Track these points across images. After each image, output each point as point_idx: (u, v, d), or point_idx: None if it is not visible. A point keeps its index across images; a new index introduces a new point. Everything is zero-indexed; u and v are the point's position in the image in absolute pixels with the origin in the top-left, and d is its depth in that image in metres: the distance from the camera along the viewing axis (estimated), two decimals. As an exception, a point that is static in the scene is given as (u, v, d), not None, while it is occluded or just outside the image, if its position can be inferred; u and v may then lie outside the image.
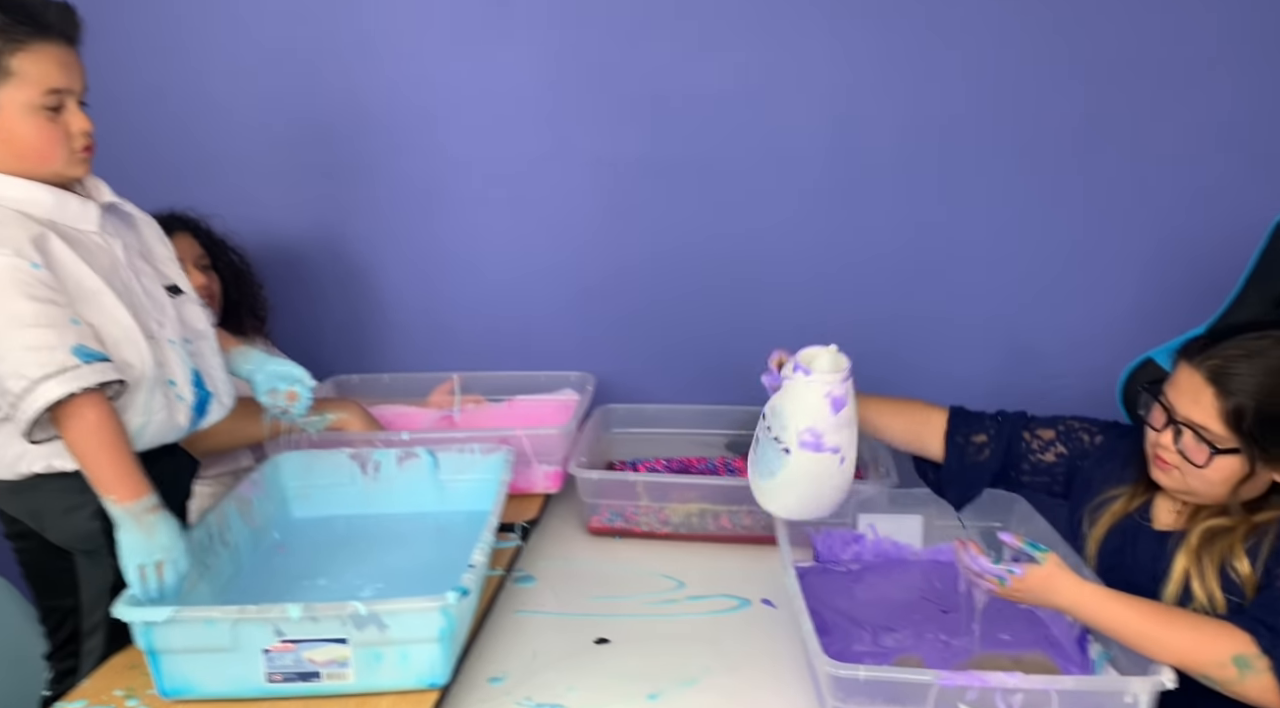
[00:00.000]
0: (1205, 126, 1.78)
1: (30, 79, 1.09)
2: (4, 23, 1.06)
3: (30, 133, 1.10)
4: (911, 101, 1.84)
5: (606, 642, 1.32)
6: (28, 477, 1.18)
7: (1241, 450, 1.10)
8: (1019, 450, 1.40)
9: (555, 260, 1.99)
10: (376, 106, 1.93)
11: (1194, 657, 1.01)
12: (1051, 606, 1.11)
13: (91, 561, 1.21)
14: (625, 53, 1.86)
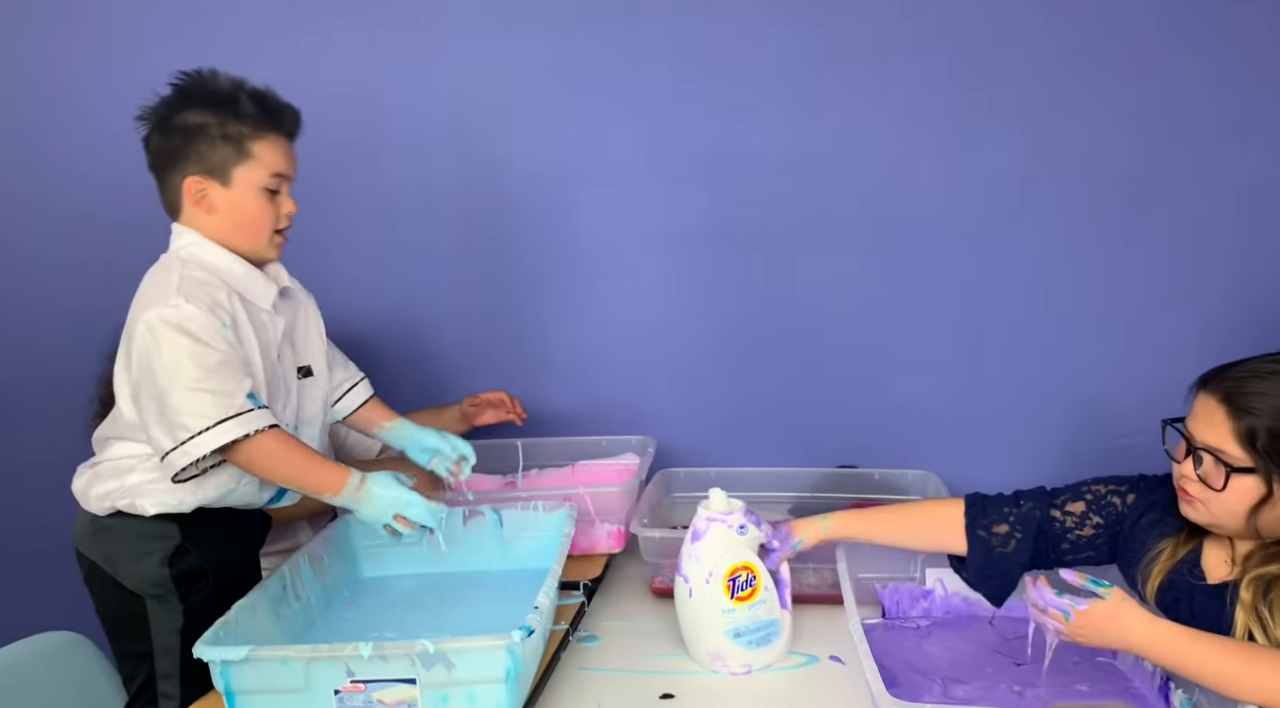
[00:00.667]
0: (1266, 167, 1.78)
1: (264, 163, 1.30)
2: (255, 113, 1.28)
3: (254, 208, 1.30)
4: (965, 161, 1.88)
5: (671, 697, 1.31)
6: (107, 515, 1.29)
7: (1258, 470, 1.09)
8: (1053, 531, 1.34)
9: (618, 327, 2.05)
10: (445, 181, 2.03)
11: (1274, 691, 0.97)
12: (1122, 645, 1.08)
13: (162, 605, 1.29)
14: (684, 128, 1.95)
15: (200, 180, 1.28)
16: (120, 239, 1.93)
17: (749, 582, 1.31)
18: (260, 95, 1.31)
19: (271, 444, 1.24)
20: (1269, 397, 1.09)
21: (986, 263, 1.91)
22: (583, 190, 2.00)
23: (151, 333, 1.21)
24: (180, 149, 1.27)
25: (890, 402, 2.00)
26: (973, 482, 1.92)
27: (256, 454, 1.23)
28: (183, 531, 1.31)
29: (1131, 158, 1.83)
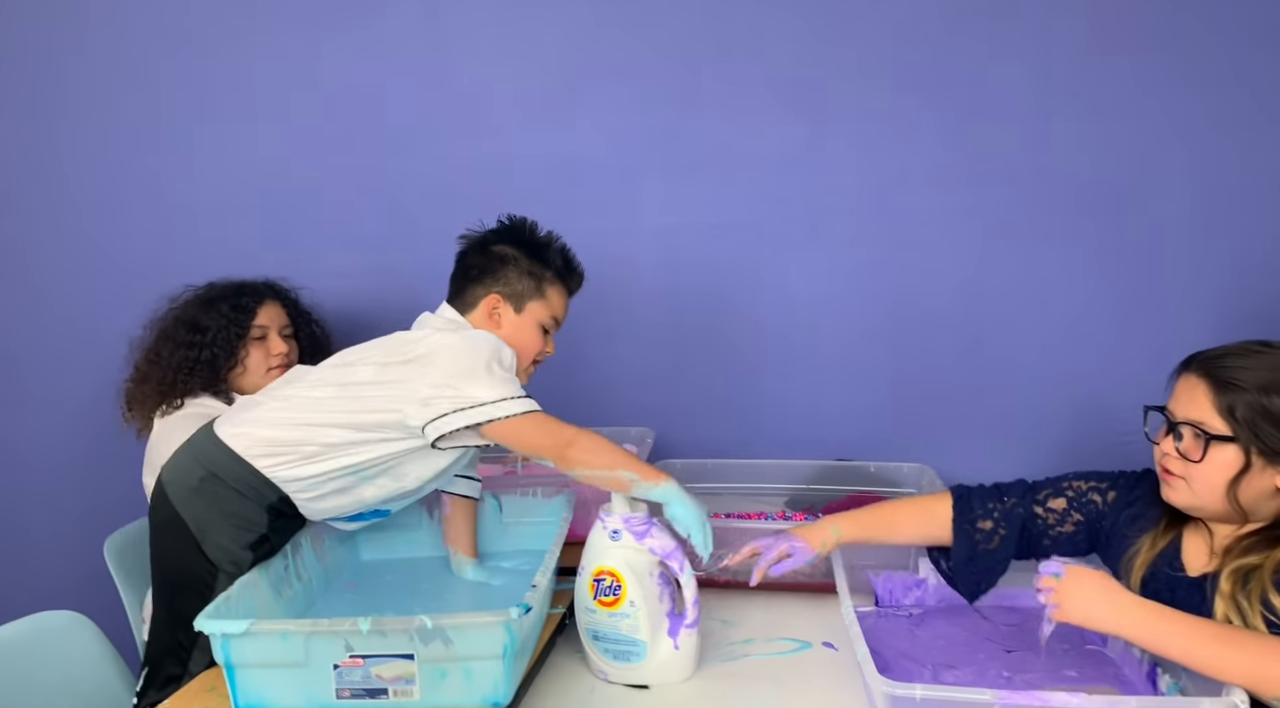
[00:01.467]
0: (1266, 165, 1.80)
1: (551, 305, 1.48)
2: (559, 265, 1.49)
3: (529, 338, 1.47)
4: (966, 157, 1.90)
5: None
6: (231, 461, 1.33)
7: (1237, 439, 1.11)
8: (1035, 529, 1.34)
9: (616, 319, 2.06)
10: (453, 173, 2.06)
11: (1264, 673, 0.98)
12: (1108, 618, 1.08)
13: (229, 580, 1.30)
14: (684, 124, 1.98)
15: (500, 300, 1.45)
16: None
17: (613, 589, 1.29)
18: (566, 252, 1.51)
19: (593, 441, 1.32)
20: (1250, 371, 1.12)
21: (986, 258, 1.93)
22: (585, 182, 2.02)
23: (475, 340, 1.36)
24: (493, 270, 1.45)
25: (888, 395, 2.01)
26: (969, 476, 1.94)
27: (588, 451, 1.31)
28: (269, 522, 1.35)
29: (1131, 154, 1.85)
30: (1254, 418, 1.10)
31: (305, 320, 1.88)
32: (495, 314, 1.45)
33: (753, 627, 1.48)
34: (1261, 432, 1.10)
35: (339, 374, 1.39)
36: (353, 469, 1.35)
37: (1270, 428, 1.10)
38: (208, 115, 2.10)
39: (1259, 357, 1.13)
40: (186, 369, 1.68)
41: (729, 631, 1.48)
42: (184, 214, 2.13)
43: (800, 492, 1.95)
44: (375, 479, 1.38)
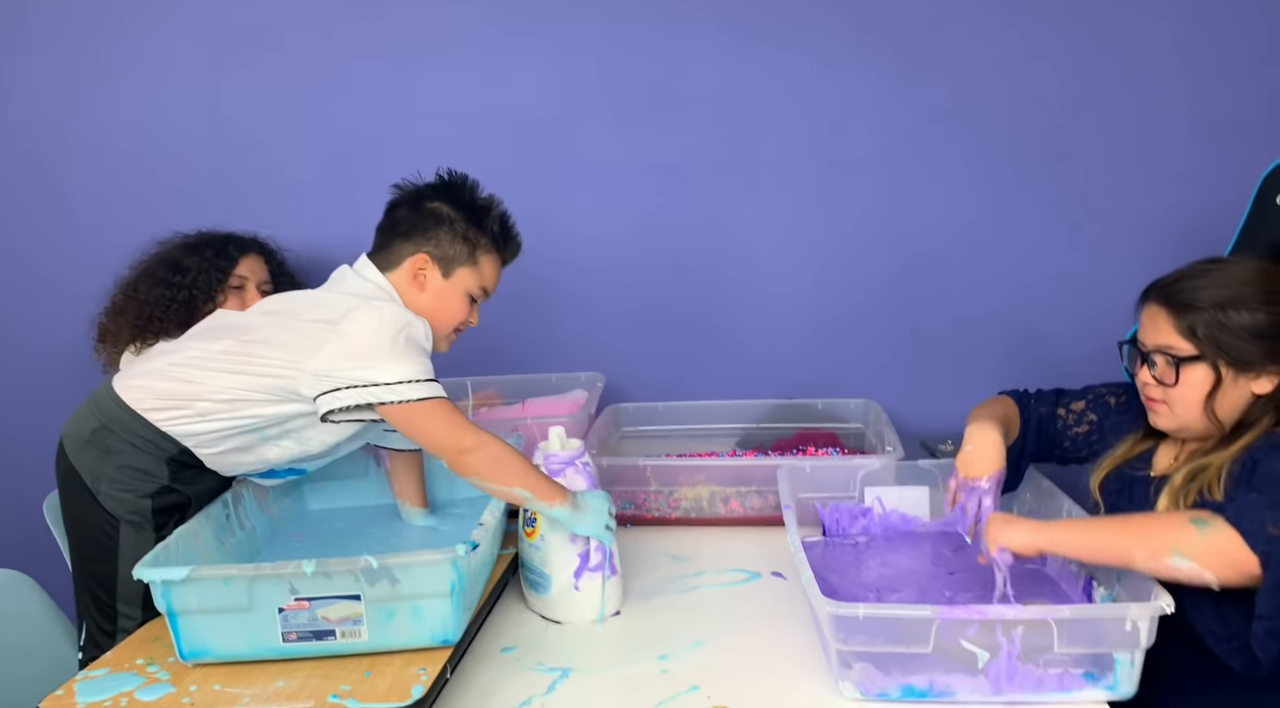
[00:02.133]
0: (1186, 103, 1.82)
1: (482, 275, 1.40)
2: (498, 233, 1.41)
3: (453, 306, 1.39)
4: (899, 100, 1.90)
5: (618, 614, 1.34)
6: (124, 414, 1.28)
7: (1204, 357, 1.15)
8: (1054, 428, 1.42)
9: (562, 264, 2.04)
10: (392, 123, 2.00)
11: (1158, 537, 1.02)
12: (1028, 540, 1.12)
13: (136, 532, 1.29)
14: (625, 65, 1.94)
15: (428, 261, 1.36)
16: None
17: (530, 521, 1.32)
18: (506, 219, 1.44)
19: (498, 450, 1.24)
20: (1204, 289, 1.15)
21: (922, 198, 1.94)
22: (527, 129, 1.98)
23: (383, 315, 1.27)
24: (425, 228, 1.36)
25: (833, 334, 2.03)
26: (913, 409, 1.99)
27: (486, 461, 1.23)
28: (170, 473, 1.31)
29: (1059, 94, 1.86)
30: (1214, 333, 1.13)
31: (288, 281, 1.85)
32: (420, 276, 1.36)
33: (704, 560, 1.50)
34: (1224, 345, 1.13)
35: (248, 326, 1.33)
36: (248, 428, 1.29)
37: (1232, 340, 1.13)
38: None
39: (1210, 275, 1.16)
40: (163, 307, 1.66)
41: (680, 565, 1.49)
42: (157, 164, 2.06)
43: (750, 431, 1.96)
44: (278, 441, 1.32)
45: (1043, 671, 1.04)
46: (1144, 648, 1.02)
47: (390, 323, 1.26)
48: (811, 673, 1.15)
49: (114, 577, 1.30)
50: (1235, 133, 1.81)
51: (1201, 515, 1.02)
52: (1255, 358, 1.13)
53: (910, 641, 1.04)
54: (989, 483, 1.29)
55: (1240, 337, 1.13)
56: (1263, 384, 1.14)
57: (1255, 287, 1.13)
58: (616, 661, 1.21)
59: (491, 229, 1.40)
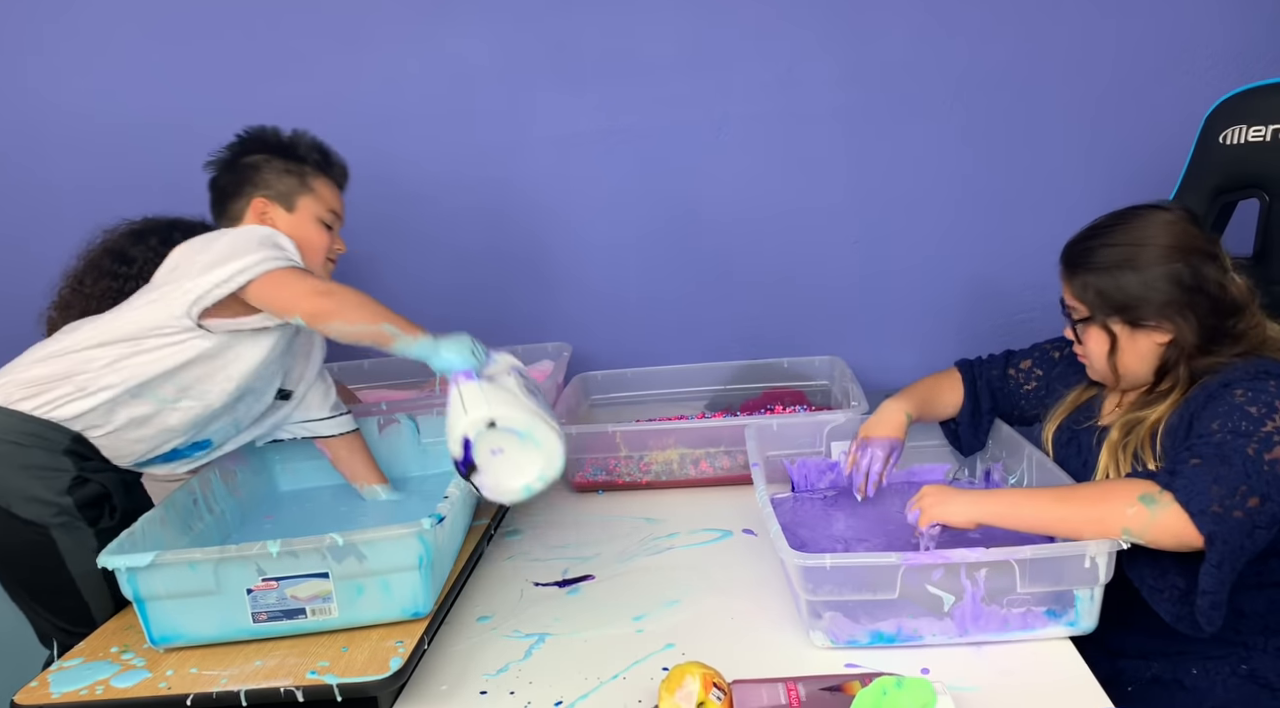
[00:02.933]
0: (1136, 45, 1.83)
1: (323, 198, 1.42)
2: (315, 158, 1.42)
3: (311, 234, 1.39)
4: (855, 55, 1.89)
5: (591, 578, 1.35)
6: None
7: (1094, 318, 1.18)
8: (1007, 389, 1.45)
9: (521, 235, 2.03)
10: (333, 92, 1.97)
11: (1105, 512, 1.02)
12: (965, 513, 1.11)
13: (69, 532, 1.23)
14: (574, 28, 1.91)
15: (266, 202, 1.37)
16: None
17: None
18: (320, 145, 1.44)
19: (354, 293, 1.22)
20: (1098, 250, 1.17)
21: (879, 155, 1.94)
22: (479, 95, 1.96)
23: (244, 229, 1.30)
24: (249, 178, 1.38)
25: (795, 293, 2.04)
26: (877, 364, 2.00)
27: (344, 302, 1.20)
28: (75, 464, 1.25)
29: (1012, 47, 1.85)
30: (1102, 294, 1.16)
31: None
32: (266, 217, 1.37)
33: (676, 522, 1.51)
34: (1112, 305, 1.16)
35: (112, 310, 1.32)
36: (136, 389, 1.24)
37: (1121, 300, 1.15)
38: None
39: (1109, 232, 1.18)
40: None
41: (653, 527, 1.50)
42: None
43: (719, 393, 1.97)
44: (175, 403, 1.27)
45: (1006, 610, 1.06)
46: (1103, 584, 1.04)
47: (252, 230, 1.30)
48: (784, 625, 1.17)
49: (72, 583, 1.25)
50: (1180, 70, 1.81)
51: (1149, 490, 1.01)
52: (1147, 314, 1.14)
53: (877, 588, 1.06)
54: (880, 445, 1.37)
55: (1127, 296, 1.14)
56: (1161, 335, 1.15)
57: (1148, 244, 1.14)
58: (592, 623, 1.22)
59: (311, 157, 1.41)
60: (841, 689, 0.96)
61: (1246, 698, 1.11)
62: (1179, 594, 1.04)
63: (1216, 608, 0.99)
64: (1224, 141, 1.43)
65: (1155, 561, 1.06)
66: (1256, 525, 0.98)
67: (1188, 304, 1.13)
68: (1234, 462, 1.00)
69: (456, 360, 1.17)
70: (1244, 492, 0.98)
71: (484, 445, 1.14)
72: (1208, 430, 1.05)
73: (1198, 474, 1.00)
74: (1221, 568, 0.98)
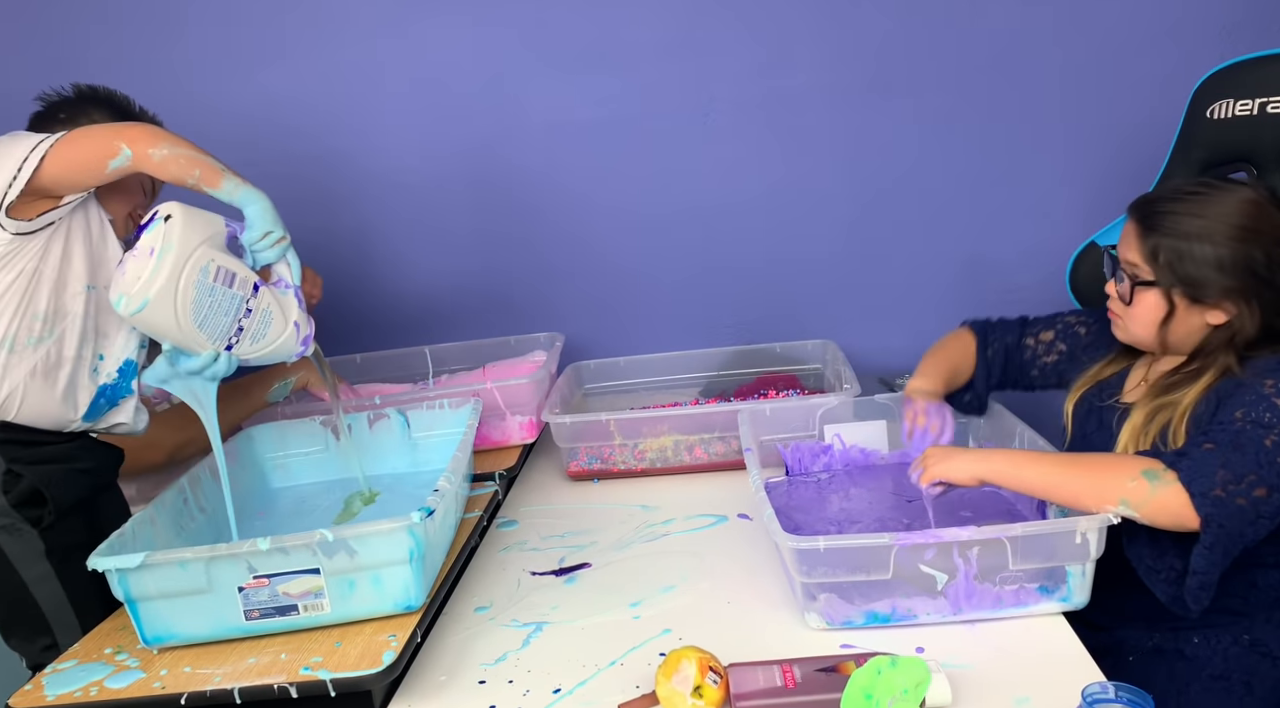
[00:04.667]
0: (1123, 20, 1.82)
1: None
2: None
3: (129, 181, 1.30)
4: (842, 35, 1.87)
5: (589, 565, 1.35)
6: None
7: (1159, 283, 1.14)
8: (1022, 358, 1.42)
9: (512, 225, 2.02)
10: (320, 89, 1.96)
11: (1107, 482, 1.02)
12: (969, 469, 1.12)
13: (13, 535, 1.21)
14: (559, 15, 1.90)
15: None
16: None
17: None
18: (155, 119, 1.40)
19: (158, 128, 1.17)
20: (1178, 216, 1.12)
21: (868, 134, 1.93)
22: (465, 84, 1.94)
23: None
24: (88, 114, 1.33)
25: (787, 277, 2.03)
26: (870, 346, 2.00)
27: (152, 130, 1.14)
28: (6, 456, 1.20)
29: (1000, 23, 1.84)
30: (1173, 262, 1.11)
31: None
32: None
33: (671, 508, 1.51)
34: (1181, 275, 1.11)
35: None
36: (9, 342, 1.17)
37: (1191, 271, 1.10)
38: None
39: (1191, 201, 1.12)
40: None
41: (649, 514, 1.50)
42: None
43: (712, 379, 1.97)
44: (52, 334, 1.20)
45: (999, 588, 1.06)
46: (1094, 559, 1.04)
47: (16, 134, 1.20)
48: (779, 607, 1.17)
49: (24, 588, 1.22)
50: (1167, 45, 1.80)
51: (1154, 467, 1.00)
52: (1212, 292, 1.11)
53: (871, 569, 1.06)
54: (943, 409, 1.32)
55: (1199, 269, 1.10)
56: (1217, 316, 1.13)
57: (1229, 222, 1.09)
58: (589, 610, 1.22)
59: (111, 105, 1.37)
60: (836, 670, 0.96)
61: (1246, 667, 1.11)
62: (1175, 576, 1.04)
63: (1205, 589, 0.99)
64: (1211, 116, 1.42)
65: (1154, 541, 1.05)
66: (1260, 515, 0.98)
67: (1255, 291, 1.10)
68: (1248, 450, 0.99)
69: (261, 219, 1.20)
70: (1252, 480, 0.97)
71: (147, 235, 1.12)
72: (1230, 417, 1.04)
73: (1207, 458, 0.99)
74: (1214, 551, 0.97)
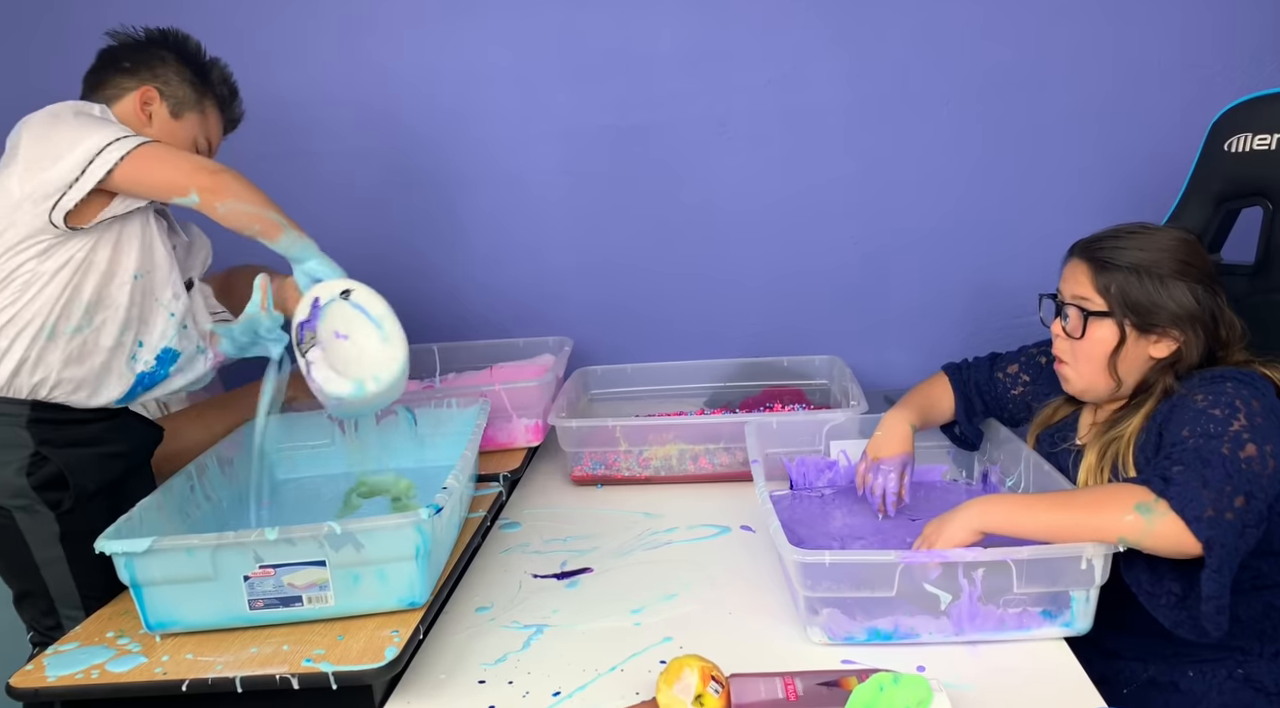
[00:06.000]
0: (1141, 49, 1.83)
1: (208, 126, 1.37)
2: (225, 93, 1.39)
3: (184, 146, 1.32)
4: (861, 54, 1.89)
5: (589, 570, 1.35)
6: None
7: (1112, 314, 1.19)
8: (996, 392, 1.45)
9: (526, 227, 2.03)
10: (337, 86, 1.96)
11: (1102, 521, 1.02)
12: (966, 529, 1.09)
13: (31, 516, 1.23)
14: (583, 24, 1.91)
15: (155, 95, 1.29)
16: None
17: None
18: (230, 79, 1.40)
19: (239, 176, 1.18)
20: (1125, 250, 1.19)
21: (882, 153, 1.93)
22: (485, 88, 1.95)
23: (45, 110, 1.18)
24: (151, 66, 1.30)
25: (796, 291, 2.04)
26: (877, 364, 2.01)
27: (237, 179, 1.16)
28: (36, 437, 1.22)
29: (1017, 48, 1.85)
30: (1126, 292, 1.18)
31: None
32: (148, 108, 1.28)
33: (675, 517, 1.51)
34: (1133, 305, 1.18)
35: None
36: (42, 332, 1.18)
37: (1141, 301, 1.17)
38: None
39: (1133, 237, 1.20)
40: None
41: (652, 522, 1.50)
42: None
43: (718, 390, 1.97)
44: (91, 324, 1.20)
45: (1003, 610, 1.06)
46: (1099, 585, 1.04)
47: (54, 110, 1.17)
48: (781, 620, 1.17)
49: (35, 569, 1.25)
50: (1185, 76, 1.81)
51: (1144, 499, 1.01)
52: (1159, 322, 1.17)
53: (875, 585, 1.06)
54: (892, 464, 1.37)
55: (1149, 300, 1.17)
56: (1160, 349, 1.19)
57: (1170, 255, 1.17)
58: (590, 615, 1.22)
59: (219, 90, 1.37)
60: (838, 685, 0.96)
61: (1242, 703, 1.12)
62: (1176, 600, 1.04)
63: (1222, 612, 0.99)
64: (1229, 149, 1.43)
65: (1151, 567, 1.06)
66: (1246, 525, 0.99)
67: (1199, 320, 1.17)
68: (1214, 463, 1.01)
69: (325, 270, 1.22)
70: (1229, 492, 0.99)
71: (330, 319, 1.15)
72: (1179, 438, 1.07)
73: (1187, 480, 1.01)
74: (1222, 572, 0.98)
